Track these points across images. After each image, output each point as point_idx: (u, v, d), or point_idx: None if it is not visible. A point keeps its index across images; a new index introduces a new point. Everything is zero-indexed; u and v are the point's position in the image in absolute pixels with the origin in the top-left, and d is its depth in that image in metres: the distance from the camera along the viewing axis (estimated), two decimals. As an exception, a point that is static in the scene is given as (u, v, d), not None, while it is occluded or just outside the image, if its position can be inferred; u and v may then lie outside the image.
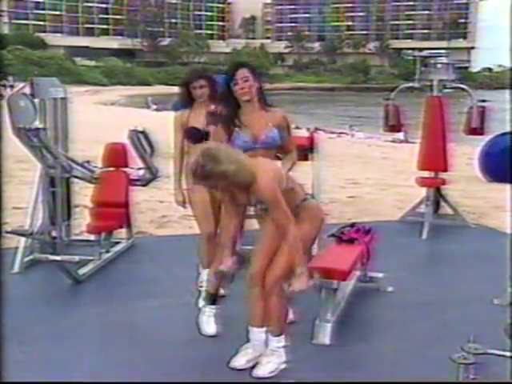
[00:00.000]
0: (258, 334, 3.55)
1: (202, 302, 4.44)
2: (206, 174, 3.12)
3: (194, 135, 4.42)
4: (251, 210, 3.83)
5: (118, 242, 6.00)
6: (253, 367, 3.52)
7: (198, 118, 4.40)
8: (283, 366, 3.52)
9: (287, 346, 3.56)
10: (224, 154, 3.16)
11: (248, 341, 3.60)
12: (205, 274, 4.54)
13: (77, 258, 5.14)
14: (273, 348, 3.53)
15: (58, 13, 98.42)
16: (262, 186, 3.21)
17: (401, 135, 18.15)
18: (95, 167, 5.98)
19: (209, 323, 4.13)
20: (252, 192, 3.27)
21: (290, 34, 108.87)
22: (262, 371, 3.48)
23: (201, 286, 4.54)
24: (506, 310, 4.31)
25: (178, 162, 4.50)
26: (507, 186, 10.19)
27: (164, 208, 8.04)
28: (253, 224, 4.16)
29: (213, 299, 4.18)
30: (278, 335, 3.52)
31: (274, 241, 3.46)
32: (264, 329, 3.54)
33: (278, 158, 3.93)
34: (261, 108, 3.84)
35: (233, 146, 3.65)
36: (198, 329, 4.10)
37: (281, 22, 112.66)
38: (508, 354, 3.32)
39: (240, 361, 3.55)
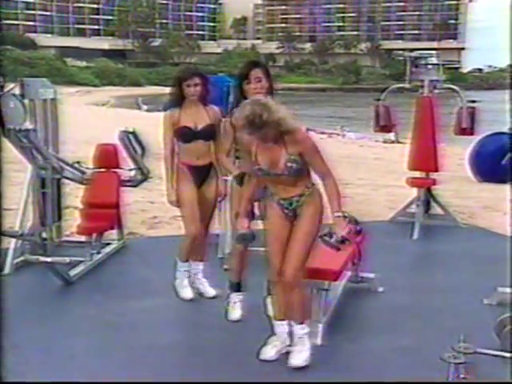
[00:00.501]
0: (282, 326, 3.69)
1: (184, 291, 4.49)
2: (263, 123, 3.25)
3: (185, 135, 4.43)
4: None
5: (109, 243, 5.99)
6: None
7: (188, 117, 4.41)
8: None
9: (310, 332, 3.68)
10: (272, 103, 3.35)
11: (272, 334, 3.73)
12: (181, 266, 4.60)
13: (67, 259, 5.13)
14: (300, 336, 3.63)
15: (48, 13, 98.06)
16: (304, 136, 3.49)
17: (392, 135, 18.17)
18: (86, 168, 5.97)
19: (234, 309, 4.27)
20: (292, 142, 3.37)
21: (281, 34, 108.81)
22: (298, 360, 3.58)
23: (176, 278, 4.61)
24: (496, 309, 4.35)
25: (170, 161, 4.51)
26: (498, 186, 10.26)
27: (155, 209, 8.04)
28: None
29: (237, 287, 4.30)
30: (302, 323, 3.63)
31: (279, 240, 3.55)
32: (286, 321, 3.68)
33: None
34: None
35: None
36: (226, 316, 4.25)
37: (272, 23, 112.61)
38: (495, 352, 3.34)
39: (270, 353, 3.66)
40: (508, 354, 3.35)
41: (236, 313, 4.27)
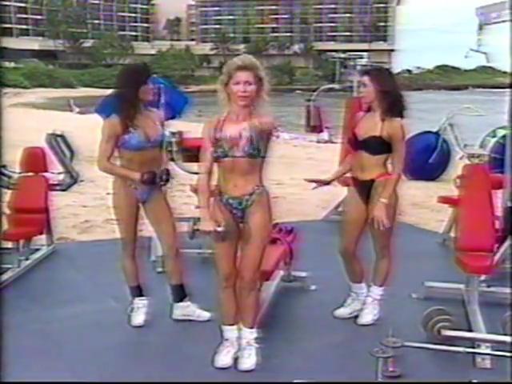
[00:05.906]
0: (234, 331, 3.65)
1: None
2: (261, 75, 3.66)
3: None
4: None
5: (38, 249, 5.84)
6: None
7: (361, 124, 4.33)
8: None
9: (261, 337, 3.66)
10: None
11: (222, 340, 3.67)
12: None
13: (-6, 266, 4.97)
14: (249, 340, 3.61)
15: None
16: (272, 122, 3.56)
17: (325, 135, 18.40)
18: (13, 172, 5.81)
19: (138, 314, 4.22)
20: (260, 121, 3.49)
21: (214, 35, 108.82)
22: (247, 364, 3.57)
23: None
24: (423, 303, 4.48)
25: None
26: (425, 184, 10.58)
27: (87, 213, 7.91)
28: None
29: (138, 292, 4.25)
30: (252, 327, 3.62)
31: (226, 242, 3.48)
32: (236, 326, 3.65)
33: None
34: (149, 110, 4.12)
35: (127, 144, 3.92)
36: (129, 321, 4.19)
37: (205, 24, 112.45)
38: (422, 345, 3.45)
39: (226, 360, 3.61)
40: (433, 346, 3.47)
41: (139, 318, 4.21)
